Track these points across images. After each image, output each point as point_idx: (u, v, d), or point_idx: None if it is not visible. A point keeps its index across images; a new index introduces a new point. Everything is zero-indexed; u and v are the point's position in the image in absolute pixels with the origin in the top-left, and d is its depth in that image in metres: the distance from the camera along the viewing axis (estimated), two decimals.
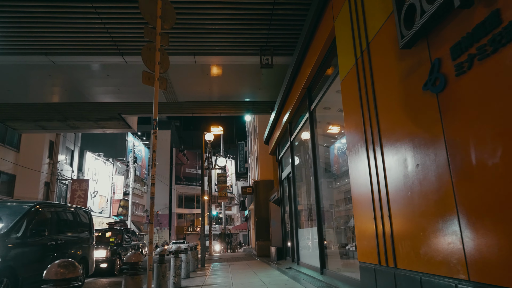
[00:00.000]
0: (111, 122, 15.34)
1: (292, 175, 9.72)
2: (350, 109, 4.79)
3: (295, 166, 9.72)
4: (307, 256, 8.29)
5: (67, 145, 25.69)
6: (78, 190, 23.65)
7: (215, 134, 13.17)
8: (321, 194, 7.27)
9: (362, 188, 4.30)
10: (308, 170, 9.35)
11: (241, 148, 31.80)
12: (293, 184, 9.62)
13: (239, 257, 15.68)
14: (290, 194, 10.55)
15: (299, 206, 9.56)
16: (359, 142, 4.41)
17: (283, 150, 11.51)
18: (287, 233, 11.30)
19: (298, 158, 9.67)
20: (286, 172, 10.87)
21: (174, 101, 13.21)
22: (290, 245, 10.25)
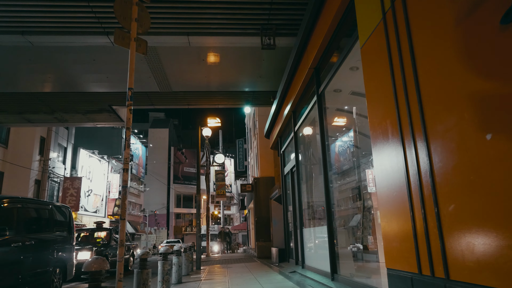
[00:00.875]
0: (101, 115, 14.41)
1: (296, 169, 8.80)
2: (374, 79, 3.86)
3: (299, 160, 8.79)
4: (314, 259, 7.36)
5: (60, 141, 24.74)
6: (70, 189, 22.71)
7: (212, 126, 12.24)
8: (331, 189, 6.35)
9: (393, 178, 3.37)
10: (314, 163, 8.44)
11: (240, 145, 30.86)
12: (297, 180, 8.70)
13: (238, 259, 14.76)
14: (293, 190, 9.63)
15: (304, 203, 8.64)
16: (389, 119, 3.48)
17: (285, 143, 10.59)
18: (290, 233, 10.38)
19: (303, 150, 8.75)
20: (289, 166, 9.95)
21: (168, 91, 12.28)
22: (294, 246, 9.33)
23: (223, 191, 21.33)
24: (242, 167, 30.51)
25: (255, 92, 12.70)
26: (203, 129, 19.22)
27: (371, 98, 3.95)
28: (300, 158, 8.78)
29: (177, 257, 7.61)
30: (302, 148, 8.74)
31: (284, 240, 10.78)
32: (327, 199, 6.20)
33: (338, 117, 8.05)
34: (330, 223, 6.11)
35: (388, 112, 3.51)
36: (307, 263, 7.96)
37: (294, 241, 9.33)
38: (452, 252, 2.57)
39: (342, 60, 5.48)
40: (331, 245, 6.01)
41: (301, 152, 8.75)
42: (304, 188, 8.63)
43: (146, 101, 13.12)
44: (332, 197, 6.28)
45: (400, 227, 3.28)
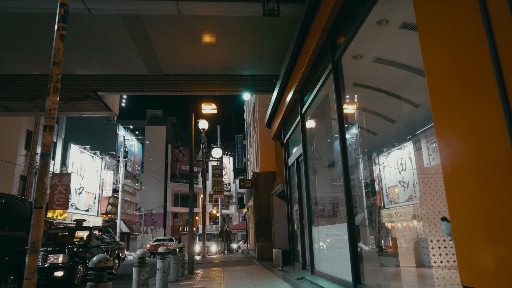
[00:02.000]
0: (86, 103, 13.11)
1: (303, 158, 7.54)
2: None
3: (307, 147, 7.53)
4: (328, 264, 6.10)
5: None
6: (58, 186, 21.41)
7: (207, 113, 10.97)
8: (351, 178, 5.09)
9: (484, 154, 2.11)
10: (326, 149, 7.17)
11: (239, 141, 29.57)
12: (305, 171, 7.44)
13: (237, 261, 13.49)
14: (300, 183, 8.37)
15: (314, 198, 7.38)
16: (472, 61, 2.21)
17: (290, 129, 9.33)
18: (295, 232, 9.12)
19: (312, 136, 7.49)
20: (294, 156, 8.69)
21: (157, 74, 11.01)
22: (300, 248, 8.07)
23: (220, 187, 20.03)
24: (241, 163, 29.22)
25: (255, 77, 11.44)
26: (199, 121, 17.96)
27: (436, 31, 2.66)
28: (308, 145, 7.52)
29: (162, 261, 6.35)
30: (311, 133, 7.48)
31: (288, 241, 9.53)
32: (347, 191, 4.94)
33: (348, 104, 6.82)
34: (350, 220, 4.86)
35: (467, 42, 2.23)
36: (317, 268, 6.69)
37: (301, 242, 8.07)
38: None
39: (368, 10, 4.22)
40: (353, 248, 4.75)
41: (310, 138, 7.48)
42: (314, 180, 7.37)
43: (135, 85, 11.83)
44: (352, 187, 5.02)
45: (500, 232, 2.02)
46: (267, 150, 15.33)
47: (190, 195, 9.86)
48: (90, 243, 9.00)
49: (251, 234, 21.82)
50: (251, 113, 22.04)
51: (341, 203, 6.73)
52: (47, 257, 7.53)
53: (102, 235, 9.93)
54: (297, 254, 8.95)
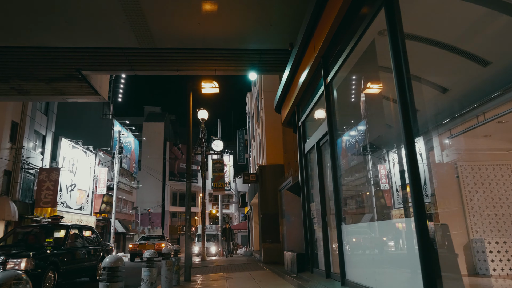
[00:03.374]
0: (70, 84, 11.53)
1: (329, 139, 5.98)
2: None
3: (334, 123, 5.98)
4: (371, 273, 4.53)
5: (37, 128, 21.85)
6: (46, 181, 19.84)
7: (207, 93, 9.42)
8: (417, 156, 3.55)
9: None
10: (363, 124, 5.64)
11: (241, 136, 27.97)
12: (332, 154, 5.88)
13: (241, 265, 11.93)
14: (322, 171, 6.82)
15: (346, 187, 5.83)
16: None
17: (307, 108, 7.77)
18: (314, 232, 7.56)
19: (344, 107, 5.95)
20: (314, 139, 7.14)
21: (150, 47, 9.46)
22: (323, 251, 6.51)
23: (221, 183, 18.43)
24: (242, 160, 27.63)
25: (263, 52, 9.90)
26: (198, 110, 16.41)
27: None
28: (336, 121, 5.97)
29: (149, 269, 4.79)
30: (343, 103, 5.94)
31: (305, 242, 7.98)
32: (413, 175, 3.40)
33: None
34: (420, 213, 3.31)
35: None
36: (351, 277, 5.13)
37: (324, 243, 6.51)
38: None
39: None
40: (425, 252, 3.19)
41: (340, 111, 5.93)
42: (346, 165, 5.83)
43: (124, 62, 10.26)
44: (419, 169, 3.47)
45: None
46: (274, 140, 13.79)
47: (187, 188, 8.30)
48: (66, 244, 7.43)
49: (255, 235, 20.25)
50: (254, 104, 20.50)
51: (387, 194, 5.19)
52: (7, 262, 5.97)
53: (83, 235, 8.36)
54: (316, 258, 7.40)
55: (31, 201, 20.40)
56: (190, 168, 8.31)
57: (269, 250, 12.36)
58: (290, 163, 13.43)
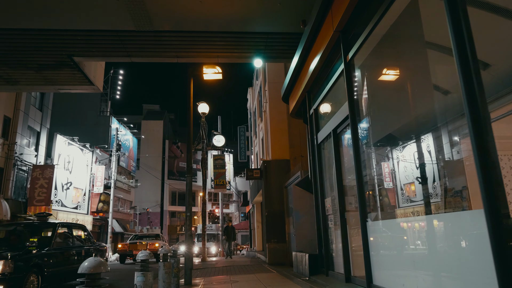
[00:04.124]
0: (61, 73, 10.78)
1: (350, 123, 5.23)
2: None
3: (356, 105, 5.23)
4: (405, 277, 3.76)
5: (31, 124, 21.06)
6: (40, 179, 19.04)
7: (209, 79, 8.65)
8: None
9: None
10: (390, 105, 4.89)
11: (242, 132, 27.20)
12: (354, 141, 5.12)
13: (244, 266, 11.17)
14: (339, 161, 6.07)
15: (369, 179, 5.08)
16: None
17: (321, 93, 7.00)
18: (329, 230, 6.81)
19: (369, 86, 5.19)
20: (329, 127, 6.39)
21: (147, 29, 8.69)
22: (342, 251, 5.75)
23: (223, 180, 17.64)
24: (244, 157, 26.88)
25: (270, 36, 9.16)
26: (198, 104, 15.65)
27: None
28: (359, 103, 5.21)
29: (143, 274, 4.03)
30: (367, 82, 5.17)
31: (318, 242, 7.22)
32: (484, 158, 2.64)
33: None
34: (491, 205, 2.54)
35: None
36: (380, 283, 4.37)
37: (343, 243, 5.75)
38: None
39: None
40: (499, 251, 2.43)
41: (364, 89, 5.17)
42: (370, 154, 5.07)
43: (119, 48, 9.51)
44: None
45: None
46: (279, 134, 13.03)
47: (188, 182, 7.54)
48: (53, 244, 6.66)
49: (258, 234, 19.49)
50: (257, 98, 19.75)
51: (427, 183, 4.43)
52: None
53: (72, 234, 7.58)
54: (332, 260, 6.65)
55: (24, 200, 19.62)
56: (190, 160, 7.56)
57: (274, 251, 11.60)
58: (297, 158, 12.69)
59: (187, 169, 7.60)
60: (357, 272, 5.54)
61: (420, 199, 4.65)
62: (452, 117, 3.65)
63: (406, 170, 4.95)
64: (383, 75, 4.99)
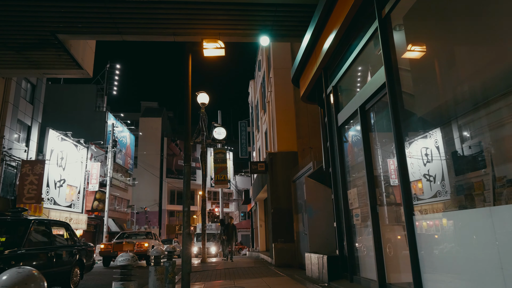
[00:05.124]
0: (45, 54, 9.71)
1: (389, 92, 4.16)
2: None
3: (396, 68, 4.18)
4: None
5: (21, 118, 19.99)
6: (30, 175, 17.95)
7: (210, 56, 7.58)
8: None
9: None
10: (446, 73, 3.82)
11: (243, 128, 26.15)
12: (395, 113, 4.07)
13: (248, 268, 10.11)
14: (368, 144, 5.01)
15: (414, 161, 4.03)
16: None
17: (343, 66, 5.93)
18: (354, 228, 5.75)
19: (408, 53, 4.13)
20: (356, 103, 5.33)
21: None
22: (374, 252, 4.69)
23: (224, 175, 16.57)
24: (245, 153, 25.83)
25: (279, 9, 8.10)
26: (197, 94, 14.60)
27: None
28: (398, 70, 4.16)
29: (123, 284, 2.98)
30: (408, 44, 4.12)
31: (339, 242, 6.16)
32: None
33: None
34: None
35: None
36: None
37: (375, 242, 4.70)
38: None
39: None
40: None
41: (404, 54, 4.12)
42: (413, 134, 4.02)
43: (108, 23, 8.44)
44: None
45: None
46: (286, 124, 11.98)
47: (185, 173, 6.49)
48: (25, 244, 5.59)
49: (261, 234, 18.44)
50: (259, 90, 18.69)
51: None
52: None
53: (51, 232, 6.52)
54: (357, 262, 5.60)
55: (13, 197, 18.53)
56: (189, 147, 6.50)
57: (282, 251, 10.56)
58: (305, 150, 11.65)
59: (184, 157, 6.55)
60: (394, 278, 4.49)
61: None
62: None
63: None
64: (430, 35, 3.93)
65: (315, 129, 11.81)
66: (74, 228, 25.04)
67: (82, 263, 7.29)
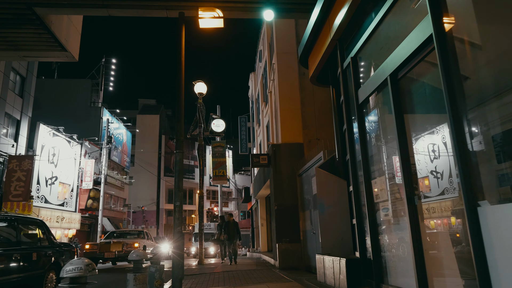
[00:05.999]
0: (24, 32, 8.70)
1: (438, 45, 3.17)
2: None
3: (443, 7, 3.18)
4: None
5: (9, 111, 18.97)
6: (17, 171, 16.93)
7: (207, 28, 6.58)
8: None
9: None
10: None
11: (243, 123, 25.16)
12: (446, 69, 3.07)
13: (250, 271, 9.11)
14: (401, 120, 4.03)
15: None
16: None
17: (366, 31, 4.93)
18: (380, 225, 4.76)
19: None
20: (385, 71, 4.33)
21: None
22: (412, 255, 3.71)
23: (223, 171, 15.55)
24: (245, 149, 24.85)
25: None
26: (194, 83, 13.62)
27: None
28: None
29: None
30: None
31: (360, 242, 5.17)
32: None
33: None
34: None
35: None
36: None
37: (415, 242, 3.72)
38: None
39: None
40: None
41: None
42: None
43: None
44: None
45: None
46: (291, 114, 10.99)
47: (177, 161, 5.50)
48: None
49: (262, 233, 17.45)
50: (260, 81, 17.70)
51: None
52: None
53: (20, 232, 5.52)
54: (385, 266, 4.61)
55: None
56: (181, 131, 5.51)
57: (287, 253, 9.57)
58: (312, 141, 10.67)
59: (176, 142, 5.57)
60: (439, 286, 3.51)
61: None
62: None
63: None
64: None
65: (323, 119, 10.82)
66: (67, 228, 24.05)
67: (59, 266, 6.28)
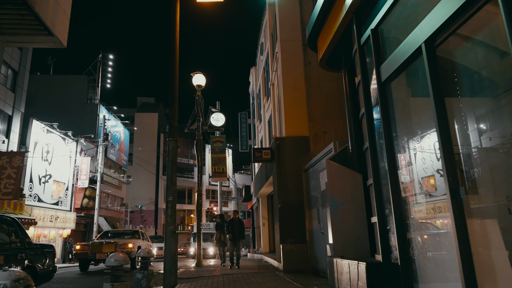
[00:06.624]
0: (5, 14, 7.90)
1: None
2: None
3: None
4: None
5: (0, 106, 18.22)
6: (7, 168, 16.19)
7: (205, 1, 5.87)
8: None
9: None
10: None
11: (244, 120, 24.44)
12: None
13: (251, 274, 8.38)
14: (441, 101, 3.29)
15: None
16: None
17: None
18: (410, 224, 4.02)
19: None
20: (418, 38, 3.58)
21: None
22: (461, 257, 2.97)
23: (222, 167, 14.84)
24: (245, 147, 24.12)
25: None
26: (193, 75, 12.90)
27: None
28: None
29: None
30: None
31: (383, 243, 4.44)
32: None
33: None
34: None
35: None
36: None
37: (461, 243, 2.98)
38: None
39: None
40: None
41: None
42: None
43: None
44: None
45: None
46: (296, 105, 10.27)
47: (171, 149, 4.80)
48: None
49: (264, 233, 16.74)
50: (262, 75, 16.98)
51: None
52: None
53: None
54: (415, 272, 3.88)
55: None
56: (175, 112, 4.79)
57: (291, 254, 8.85)
58: (318, 134, 9.95)
59: (169, 129, 4.95)
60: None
61: None
62: None
63: None
64: None
65: (330, 111, 10.12)
66: (61, 227, 23.27)
67: (34, 270, 5.54)
